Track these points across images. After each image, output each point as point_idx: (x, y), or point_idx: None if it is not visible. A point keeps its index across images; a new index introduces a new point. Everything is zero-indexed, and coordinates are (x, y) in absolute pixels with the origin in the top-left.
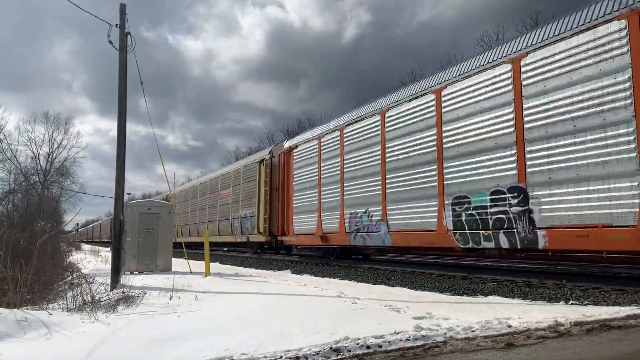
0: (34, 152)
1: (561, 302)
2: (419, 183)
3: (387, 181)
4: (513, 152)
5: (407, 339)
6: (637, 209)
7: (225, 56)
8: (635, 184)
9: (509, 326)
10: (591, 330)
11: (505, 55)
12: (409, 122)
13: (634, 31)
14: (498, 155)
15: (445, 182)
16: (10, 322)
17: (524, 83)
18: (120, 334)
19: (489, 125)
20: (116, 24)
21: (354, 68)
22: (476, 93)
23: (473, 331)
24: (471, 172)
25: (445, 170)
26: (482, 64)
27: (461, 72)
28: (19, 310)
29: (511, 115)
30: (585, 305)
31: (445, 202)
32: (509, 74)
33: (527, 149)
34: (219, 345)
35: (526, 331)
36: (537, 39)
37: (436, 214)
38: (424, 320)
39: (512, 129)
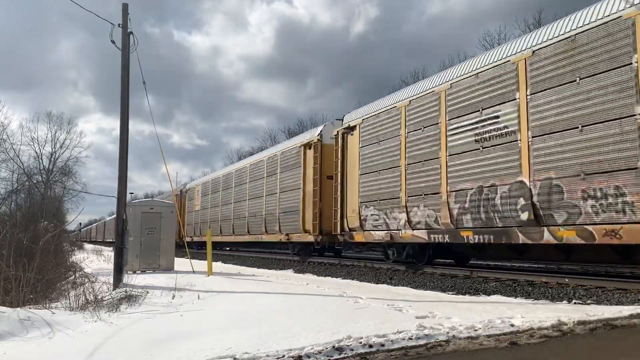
0: (36, 152)
1: (564, 302)
2: None
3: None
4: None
5: (410, 338)
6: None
7: (232, 53)
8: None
9: (512, 325)
10: (594, 329)
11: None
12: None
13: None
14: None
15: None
16: (13, 321)
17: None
18: (123, 333)
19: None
20: (118, 24)
21: (362, 65)
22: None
23: (476, 330)
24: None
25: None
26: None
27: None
28: (22, 309)
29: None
30: (589, 304)
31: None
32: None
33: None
34: (221, 344)
35: (529, 330)
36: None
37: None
38: (426, 319)
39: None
